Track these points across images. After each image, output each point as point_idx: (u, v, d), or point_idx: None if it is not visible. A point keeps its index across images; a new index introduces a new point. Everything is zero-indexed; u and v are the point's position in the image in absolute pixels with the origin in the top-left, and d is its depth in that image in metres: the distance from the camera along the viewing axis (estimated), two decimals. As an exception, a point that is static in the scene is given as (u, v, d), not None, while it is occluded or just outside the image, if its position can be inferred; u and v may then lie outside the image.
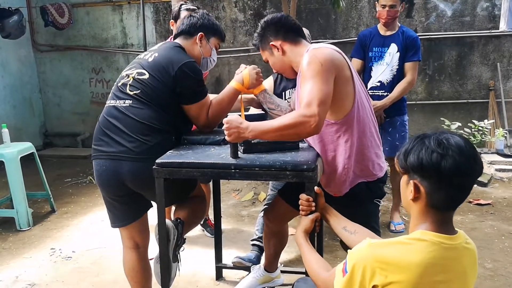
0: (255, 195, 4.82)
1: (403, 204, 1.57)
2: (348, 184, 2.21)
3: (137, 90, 2.31)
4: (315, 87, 1.93)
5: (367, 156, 2.18)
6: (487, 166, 5.37)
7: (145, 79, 2.31)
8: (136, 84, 2.32)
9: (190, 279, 3.17)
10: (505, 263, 3.32)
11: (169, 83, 2.29)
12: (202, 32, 2.50)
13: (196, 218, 2.71)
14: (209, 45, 2.54)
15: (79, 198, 5.02)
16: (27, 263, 3.55)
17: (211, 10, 6.38)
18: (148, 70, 2.33)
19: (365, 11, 6.02)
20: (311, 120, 1.89)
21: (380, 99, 3.78)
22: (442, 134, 1.42)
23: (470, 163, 1.38)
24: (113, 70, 7.01)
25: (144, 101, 2.28)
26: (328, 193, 2.21)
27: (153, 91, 2.29)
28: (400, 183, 1.54)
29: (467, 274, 1.45)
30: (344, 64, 2.08)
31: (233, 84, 2.46)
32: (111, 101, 2.38)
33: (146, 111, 2.27)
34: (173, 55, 2.37)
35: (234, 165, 2.07)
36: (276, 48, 2.23)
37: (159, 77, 2.30)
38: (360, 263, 1.40)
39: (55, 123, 7.44)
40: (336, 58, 2.04)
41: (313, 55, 2.02)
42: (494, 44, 5.86)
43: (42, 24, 6.85)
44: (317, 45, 2.14)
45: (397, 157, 1.51)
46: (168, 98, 2.30)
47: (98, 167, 2.35)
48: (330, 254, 3.46)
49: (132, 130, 2.25)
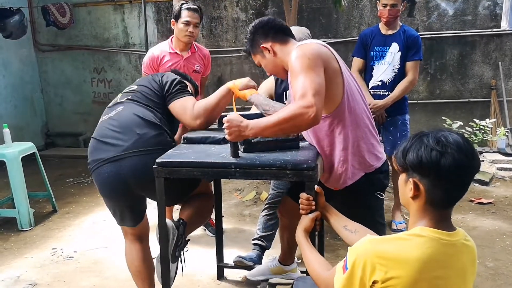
0: (257, 194, 4.82)
1: (401, 201, 1.58)
2: (347, 178, 2.20)
3: (128, 97, 2.48)
4: (307, 79, 1.93)
5: (362, 147, 2.18)
6: (489, 165, 5.37)
7: (134, 89, 2.52)
8: (126, 95, 2.51)
9: (191, 278, 3.17)
10: (506, 262, 3.32)
11: (158, 87, 2.50)
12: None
13: (202, 218, 2.71)
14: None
15: (80, 198, 5.03)
16: (28, 263, 3.55)
17: (213, 10, 6.38)
18: (136, 84, 2.58)
19: (367, 10, 6.01)
20: (309, 110, 1.87)
21: (381, 98, 3.77)
22: (440, 132, 1.43)
23: (469, 159, 1.39)
24: (115, 70, 7.02)
25: (137, 100, 2.44)
26: (329, 189, 2.21)
27: (144, 95, 2.47)
28: (398, 181, 1.54)
29: (466, 271, 1.46)
30: (331, 56, 2.09)
31: (228, 84, 2.55)
32: (104, 117, 2.47)
33: (139, 108, 2.40)
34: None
35: (234, 164, 2.07)
36: (267, 50, 2.24)
37: (147, 86, 2.51)
38: (361, 259, 1.41)
39: (57, 123, 7.45)
40: (322, 51, 2.05)
41: (299, 50, 2.04)
42: (495, 43, 5.85)
43: (43, 23, 6.85)
44: (303, 41, 2.17)
45: (395, 156, 1.51)
46: (158, 99, 2.47)
47: (100, 177, 2.34)
48: (331, 253, 3.45)
49: (127, 125, 2.31)
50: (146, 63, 3.59)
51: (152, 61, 3.56)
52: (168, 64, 3.54)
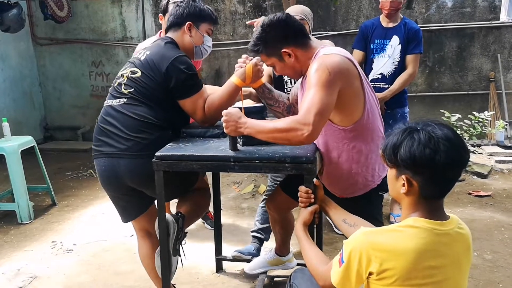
0: (255, 187, 4.82)
1: (391, 195, 1.58)
2: (357, 189, 2.19)
3: (131, 89, 2.33)
4: (316, 96, 1.89)
5: (374, 160, 2.15)
6: (487, 157, 5.38)
7: (138, 77, 2.33)
8: (130, 82, 2.35)
9: (190, 272, 3.19)
10: (504, 254, 3.34)
11: (161, 80, 2.29)
12: (190, 21, 2.46)
13: (199, 211, 2.71)
14: (199, 32, 2.49)
15: (79, 191, 5.04)
16: (28, 256, 3.57)
17: (210, 3, 6.35)
18: (141, 68, 2.34)
19: (365, 2, 5.98)
20: (304, 128, 1.86)
21: (381, 91, 3.76)
22: (429, 126, 1.43)
23: (461, 154, 1.42)
24: (113, 63, 7.00)
25: (138, 98, 2.31)
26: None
27: (147, 89, 2.31)
28: (388, 176, 1.54)
29: (461, 259, 1.48)
30: (355, 73, 2.02)
31: (233, 80, 2.40)
32: (108, 101, 2.41)
33: (141, 108, 2.30)
34: (164, 52, 2.35)
35: (233, 158, 2.08)
36: (287, 55, 2.09)
37: (151, 75, 2.31)
38: (356, 251, 1.42)
39: (55, 116, 7.44)
40: (345, 68, 1.98)
41: (323, 62, 1.96)
42: (494, 35, 5.84)
43: (41, 17, 6.83)
44: (328, 50, 2.06)
45: (383, 151, 1.50)
46: (162, 94, 2.32)
47: (98, 167, 2.40)
48: (329, 245, 3.47)
49: (128, 128, 2.28)
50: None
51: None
52: None
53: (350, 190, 2.21)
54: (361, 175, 2.16)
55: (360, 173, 2.15)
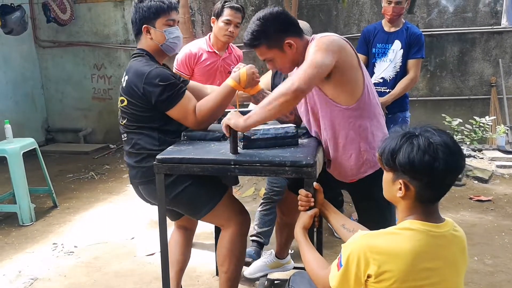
0: (256, 191, 4.82)
1: (386, 197, 1.58)
2: (368, 167, 2.22)
3: (124, 120, 2.38)
4: (312, 57, 1.98)
5: (378, 136, 2.20)
6: (488, 162, 5.38)
7: (126, 107, 2.34)
8: (122, 114, 2.39)
9: (190, 274, 3.19)
10: (505, 259, 3.33)
11: (144, 102, 2.27)
12: (144, 23, 2.38)
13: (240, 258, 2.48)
14: (157, 31, 2.38)
15: (81, 194, 5.04)
16: (29, 258, 3.57)
17: (213, 6, 6.37)
18: (126, 96, 2.33)
19: (367, 7, 6.00)
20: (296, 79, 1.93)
21: (383, 95, 3.75)
22: (427, 132, 1.44)
23: (458, 160, 1.45)
24: (115, 66, 7.02)
25: (133, 131, 2.36)
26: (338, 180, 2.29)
27: (137, 116, 2.32)
28: (384, 179, 1.55)
29: (457, 261, 1.49)
30: (351, 51, 2.10)
31: (229, 82, 2.36)
32: (120, 128, 2.48)
33: (137, 139, 2.35)
34: (136, 70, 2.32)
35: (233, 161, 2.08)
36: (289, 46, 2.12)
37: (135, 101, 2.29)
38: (355, 254, 1.43)
39: (57, 118, 7.46)
40: (342, 42, 2.07)
41: (320, 39, 2.05)
42: (496, 40, 5.85)
43: (44, 20, 6.87)
44: (323, 34, 2.14)
45: (380, 154, 1.51)
46: (151, 113, 2.30)
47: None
48: (330, 249, 3.47)
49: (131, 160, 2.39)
50: (181, 60, 3.34)
51: (189, 59, 3.32)
52: (206, 63, 3.33)
53: (363, 169, 2.23)
54: (369, 153, 2.20)
55: (368, 151, 2.20)
